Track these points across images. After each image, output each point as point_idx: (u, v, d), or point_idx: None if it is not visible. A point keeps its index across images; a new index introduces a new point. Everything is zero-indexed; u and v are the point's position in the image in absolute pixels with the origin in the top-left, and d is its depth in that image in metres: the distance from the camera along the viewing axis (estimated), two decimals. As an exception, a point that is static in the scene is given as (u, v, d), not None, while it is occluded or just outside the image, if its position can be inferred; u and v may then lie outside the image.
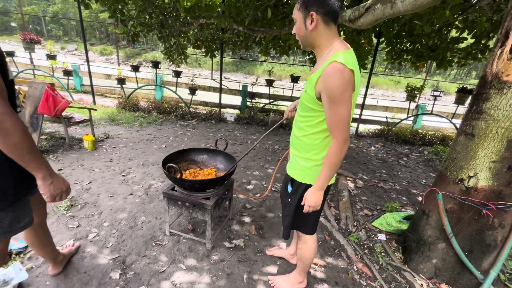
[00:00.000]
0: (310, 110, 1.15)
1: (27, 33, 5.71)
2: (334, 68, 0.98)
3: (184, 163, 2.16)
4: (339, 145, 1.06)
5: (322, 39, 1.08)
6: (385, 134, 5.64)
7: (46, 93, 3.05)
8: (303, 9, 1.05)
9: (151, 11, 4.34)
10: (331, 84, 0.98)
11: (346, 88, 0.99)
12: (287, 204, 1.39)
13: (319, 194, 1.18)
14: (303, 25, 1.08)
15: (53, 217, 2.10)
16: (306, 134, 1.21)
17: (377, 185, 3.24)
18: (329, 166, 1.11)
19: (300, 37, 1.12)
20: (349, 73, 0.99)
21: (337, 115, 1.03)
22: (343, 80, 0.97)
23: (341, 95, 0.99)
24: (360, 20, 2.39)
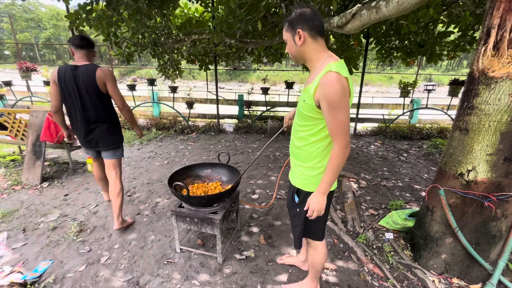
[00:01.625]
0: (309, 119, 1.20)
1: (23, 62, 5.81)
2: (331, 77, 1.05)
3: (189, 179, 2.20)
4: (341, 148, 1.11)
5: (312, 53, 1.17)
6: (383, 132, 5.70)
7: (47, 120, 3.11)
8: (290, 28, 1.15)
9: (144, 31, 4.43)
10: (330, 91, 1.05)
11: (344, 94, 1.06)
12: (296, 214, 1.41)
13: (322, 198, 1.22)
14: (293, 43, 1.16)
15: (63, 243, 2.12)
16: (307, 143, 1.25)
17: (380, 184, 3.27)
18: (332, 170, 1.16)
19: (292, 53, 1.21)
20: (344, 80, 1.06)
21: (338, 120, 1.09)
22: (340, 87, 1.05)
23: (339, 101, 1.06)
24: (348, 26, 2.48)
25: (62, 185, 3.14)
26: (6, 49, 41.23)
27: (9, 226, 2.33)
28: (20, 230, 2.27)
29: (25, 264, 1.90)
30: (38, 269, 1.83)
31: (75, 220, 2.42)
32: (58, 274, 1.81)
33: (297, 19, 1.12)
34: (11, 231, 2.25)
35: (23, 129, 3.38)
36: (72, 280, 1.77)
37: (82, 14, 3.36)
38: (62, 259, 1.95)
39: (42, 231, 2.27)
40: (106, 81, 1.99)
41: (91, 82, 1.95)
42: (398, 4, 1.90)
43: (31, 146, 3.21)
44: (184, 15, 5.09)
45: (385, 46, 4.87)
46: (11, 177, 3.27)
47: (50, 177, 3.30)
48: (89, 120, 2.06)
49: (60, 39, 43.50)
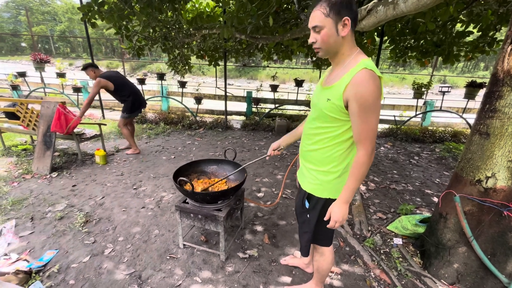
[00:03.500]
0: (333, 120, 1.09)
1: (37, 54, 5.91)
2: (367, 75, 0.95)
3: (194, 174, 2.18)
4: (367, 155, 1.03)
5: (347, 46, 1.05)
6: (394, 133, 5.56)
7: (58, 111, 3.14)
8: (334, 14, 0.99)
9: (155, 25, 4.43)
10: (364, 91, 0.95)
11: (378, 96, 0.97)
12: (306, 220, 1.33)
13: (345, 208, 1.12)
14: (334, 31, 1.00)
15: (69, 233, 2.14)
16: (325, 146, 1.16)
17: (389, 187, 3.18)
18: (357, 177, 1.06)
19: (329, 44, 1.03)
20: (379, 80, 0.98)
21: (368, 124, 0.99)
22: (376, 87, 0.95)
23: (374, 103, 0.96)
24: (363, 23, 2.39)
25: (70, 175, 3.19)
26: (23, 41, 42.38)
27: (18, 214, 2.37)
28: (28, 219, 2.30)
29: (32, 252, 1.93)
30: (43, 258, 1.85)
31: (82, 211, 2.45)
32: (63, 264, 1.82)
33: (344, 4, 0.98)
34: (20, 219, 2.29)
35: (34, 119, 3.43)
36: (76, 270, 1.78)
37: (94, 6, 3.37)
38: (67, 249, 1.97)
39: (49, 221, 2.30)
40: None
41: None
42: (417, 0, 1.80)
43: (42, 136, 3.26)
44: (195, 10, 5.06)
45: (400, 45, 4.73)
46: (22, 166, 3.34)
47: (59, 167, 3.36)
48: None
49: (74, 32, 44.39)
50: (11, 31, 44.50)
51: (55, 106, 3.18)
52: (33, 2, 45.85)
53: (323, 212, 1.23)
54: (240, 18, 3.21)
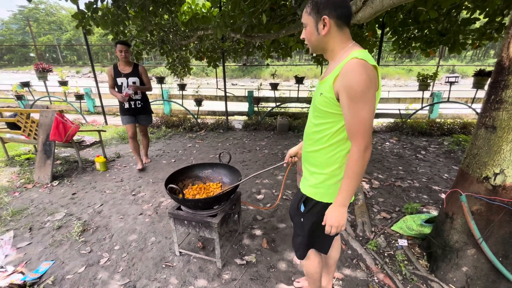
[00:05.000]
0: (328, 115, 1.03)
1: (39, 63, 6.00)
2: (355, 64, 0.89)
3: (189, 180, 2.13)
4: (360, 151, 0.94)
5: (335, 43, 1.01)
6: (399, 127, 5.39)
7: (56, 120, 3.15)
8: (314, 13, 0.99)
9: (151, 29, 4.41)
10: (352, 80, 0.89)
11: (369, 85, 0.90)
12: (299, 224, 1.26)
13: (342, 212, 1.03)
14: (314, 30, 1.01)
15: (66, 243, 2.13)
16: (325, 146, 1.08)
17: (394, 184, 3.06)
18: (351, 177, 0.98)
19: (311, 42, 1.04)
20: (371, 69, 0.91)
21: (358, 117, 0.92)
22: (366, 76, 0.89)
23: (363, 93, 0.89)
24: (359, 15, 2.28)
25: (71, 183, 3.20)
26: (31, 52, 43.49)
27: (17, 224, 2.37)
28: (26, 229, 2.30)
29: (28, 264, 1.92)
30: (39, 270, 1.84)
31: (80, 220, 2.44)
32: (58, 276, 1.80)
33: (325, 3, 0.96)
34: (18, 230, 2.29)
35: (35, 128, 3.46)
36: (70, 282, 1.76)
37: (87, 13, 3.36)
38: (63, 260, 1.95)
39: (48, 230, 2.29)
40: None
41: None
42: (414, -14, 1.69)
43: (42, 145, 3.28)
44: (191, 11, 5.02)
45: (403, 36, 4.56)
46: (24, 175, 3.37)
47: (60, 176, 3.37)
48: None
49: (80, 41, 45.24)
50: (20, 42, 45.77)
51: (53, 115, 3.19)
52: (40, 13, 46.99)
53: (319, 218, 1.16)
54: (232, 16, 3.14)
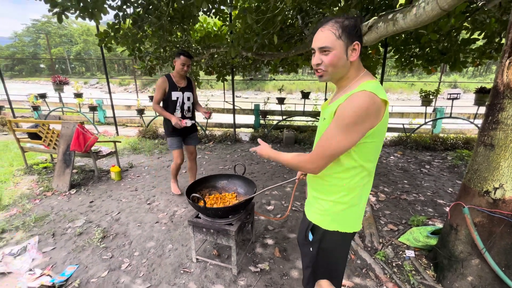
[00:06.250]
0: None
1: (57, 76, 6.30)
2: (361, 95, 0.87)
3: (206, 190, 2.26)
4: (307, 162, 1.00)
5: (353, 70, 0.99)
6: (403, 142, 5.51)
7: (77, 131, 3.33)
8: (345, 37, 0.92)
9: (165, 45, 4.68)
10: (348, 108, 0.88)
11: (360, 121, 0.87)
12: (308, 253, 1.19)
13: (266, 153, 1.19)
14: (344, 55, 0.94)
15: (88, 249, 2.24)
16: (329, 173, 1.04)
17: (400, 197, 3.15)
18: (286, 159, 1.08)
19: (336, 67, 0.96)
20: (378, 103, 0.88)
21: (329, 141, 0.92)
22: (364, 110, 0.86)
23: (351, 122, 0.87)
24: (364, 38, 2.48)
25: (88, 192, 3.33)
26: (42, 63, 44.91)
27: (41, 230, 2.50)
28: (50, 235, 2.43)
29: (54, 267, 2.03)
30: (65, 273, 1.95)
31: (99, 227, 2.55)
32: (83, 279, 1.91)
33: (354, 28, 0.92)
34: (42, 235, 2.41)
35: (55, 139, 3.64)
36: (95, 285, 1.86)
37: (110, 32, 3.62)
38: (86, 264, 2.06)
39: (70, 236, 2.41)
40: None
41: None
42: (416, 17, 1.88)
43: (62, 155, 3.45)
44: (203, 30, 5.31)
45: (405, 54, 4.77)
46: (43, 183, 3.52)
47: (77, 184, 3.52)
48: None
49: (89, 53, 46.73)
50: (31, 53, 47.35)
51: (74, 126, 3.38)
52: (52, 26, 48.80)
53: (328, 246, 1.13)
54: (246, 38, 3.36)
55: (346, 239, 1.13)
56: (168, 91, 2.72)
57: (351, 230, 1.10)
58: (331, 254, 1.15)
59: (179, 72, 2.70)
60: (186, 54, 2.66)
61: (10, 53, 46.08)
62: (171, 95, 2.73)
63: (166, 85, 2.70)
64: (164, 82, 2.69)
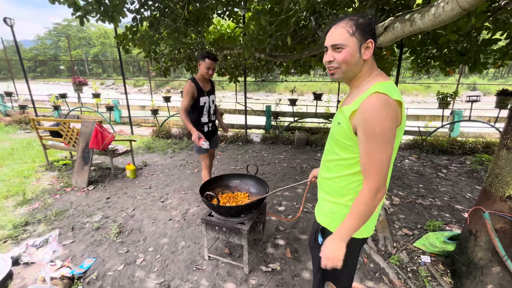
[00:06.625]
0: (343, 147, 0.99)
1: (76, 77, 6.56)
2: (376, 100, 0.85)
3: (219, 188, 2.29)
4: (371, 192, 0.88)
5: (365, 69, 0.97)
6: (419, 145, 5.36)
7: (95, 130, 3.46)
8: (359, 34, 0.91)
9: (180, 47, 4.78)
10: (372, 117, 0.85)
11: (389, 125, 0.85)
12: (318, 257, 1.14)
13: (339, 246, 0.94)
14: (357, 52, 0.92)
15: (105, 243, 2.32)
16: (339, 175, 1.03)
17: (415, 202, 3.07)
18: (356, 215, 0.92)
19: (350, 64, 0.94)
20: (394, 105, 0.85)
21: (374, 156, 0.87)
22: (386, 114, 0.84)
23: (381, 132, 0.84)
24: (380, 39, 2.44)
25: (104, 188, 3.45)
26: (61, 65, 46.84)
27: (61, 224, 2.61)
28: (69, 228, 2.53)
29: (73, 259, 2.12)
30: (83, 265, 2.03)
31: (115, 222, 2.64)
32: (100, 272, 1.98)
33: (368, 26, 0.91)
34: (62, 229, 2.52)
35: (75, 137, 3.80)
36: (112, 278, 1.93)
37: (128, 35, 3.74)
38: (103, 258, 2.14)
39: (88, 231, 2.51)
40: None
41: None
42: (434, 17, 1.84)
43: (81, 152, 3.59)
44: (217, 32, 5.39)
45: (421, 55, 4.65)
46: (63, 179, 3.67)
47: (95, 181, 3.65)
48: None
49: (106, 54, 48.34)
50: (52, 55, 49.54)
51: (93, 125, 3.51)
52: (72, 30, 50.88)
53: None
54: (259, 40, 3.39)
55: (356, 245, 1.10)
56: (196, 97, 2.57)
57: (360, 236, 1.07)
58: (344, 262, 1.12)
59: (204, 76, 2.57)
60: (211, 57, 2.51)
61: (33, 55, 48.41)
62: (199, 101, 2.59)
63: (195, 91, 2.54)
64: (192, 87, 2.52)
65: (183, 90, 2.54)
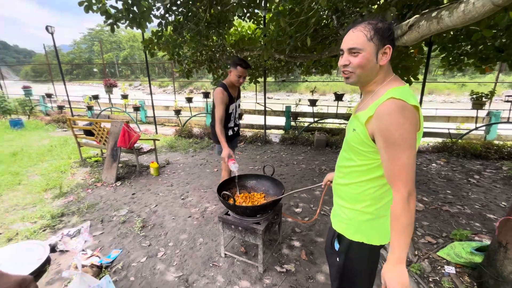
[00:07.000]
0: (360, 153, 0.98)
1: (107, 80, 7.02)
2: (392, 105, 0.84)
3: (235, 188, 2.34)
4: (404, 200, 0.85)
5: (381, 75, 0.95)
6: (448, 148, 5.04)
7: (123, 129, 3.69)
8: (377, 39, 0.90)
9: (202, 49, 4.93)
10: (390, 124, 0.83)
11: (409, 129, 0.83)
12: (335, 264, 1.16)
13: (401, 270, 0.88)
14: (373, 57, 0.91)
15: (130, 236, 2.48)
16: (355, 181, 1.02)
17: (441, 209, 2.91)
18: (401, 231, 0.86)
19: (364, 70, 0.93)
20: (411, 110, 0.84)
21: (398, 162, 0.85)
22: (404, 119, 0.83)
23: (402, 137, 0.83)
24: (404, 38, 2.35)
25: (130, 184, 3.67)
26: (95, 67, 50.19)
27: (92, 216, 2.83)
28: (99, 221, 2.74)
29: (101, 250, 2.29)
30: (110, 255, 2.19)
31: (139, 217, 2.81)
32: (125, 262, 2.13)
33: (387, 31, 0.89)
34: (93, 221, 2.73)
35: (105, 136, 4.08)
36: (135, 269, 2.06)
37: (154, 39, 3.94)
38: (128, 249, 2.29)
39: (115, 224, 2.69)
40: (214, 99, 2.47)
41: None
42: (464, 13, 1.74)
43: (110, 150, 3.84)
44: (238, 33, 5.48)
45: (453, 53, 4.36)
46: (94, 175, 3.96)
47: (122, 177, 3.89)
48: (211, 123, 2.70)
49: (134, 58, 50.96)
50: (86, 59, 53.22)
51: (121, 125, 3.75)
52: (104, 34, 54.29)
53: (353, 258, 1.10)
54: (279, 41, 3.40)
55: (374, 252, 1.08)
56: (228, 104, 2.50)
57: (377, 243, 1.05)
58: (358, 266, 1.11)
59: (235, 84, 2.48)
60: (244, 65, 2.37)
61: (70, 59, 52.35)
62: (228, 108, 2.52)
63: (227, 100, 2.46)
64: (224, 95, 2.42)
65: (216, 98, 2.41)
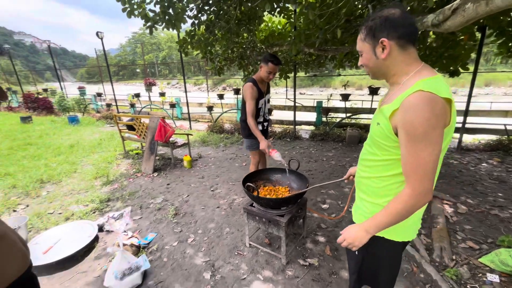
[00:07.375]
0: (383, 148, 0.95)
1: (147, 79, 7.59)
2: (420, 98, 0.78)
3: (261, 181, 2.40)
4: (413, 195, 0.83)
5: (398, 66, 0.91)
6: (504, 147, 4.46)
7: (159, 124, 3.99)
8: (369, 39, 0.91)
9: (232, 47, 5.05)
10: (415, 118, 0.78)
11: (434, 125, 0.78)
12: (354, 257, 1.15)
13: (361, 235, 0.94)
14: (372, 55, 0.93)
15: (164, 222, 2.70)
16: (377, 175, 1.00)
17: (489, 212, 2.61)
18: (390, 212, 0.88)
19: (370, 68, 0.97)
20: (442, 103, 0.78)
21: (418, 158, 0.81)
22: (430, 113, 0.77)
23: (425, 132, 0.78)
24: (447, 23, 2.15)
25: (166, 176, 3.96)
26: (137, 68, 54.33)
27: (132, 202, 3.13)
28: (138, 207, 3.02)
29: (140, 232, 2.54)
30: (147, 238, 2.42)
31: (173, 205, 3.03)
32: (159, 245, 2.33)
33: (381, 25, 0.88)
34: (133, 207, 3.03)
35: (144, 130, 4.44)
36: (168, 251, 2.25)
37: (187, 39, 4.15)
38: (162, 234, 2.50)
39: (151, 210, 2.95)
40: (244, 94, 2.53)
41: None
42: (518, -9, 1.55)
43: (149, 143, 4.18)
44: (268, 29, 5.49)
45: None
46: (135, 166, 4.35)
47: (158, 169, 4.22)
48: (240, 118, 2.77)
49: (172, 58, 53.91)
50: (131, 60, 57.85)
51: (158, 121, 4.05)
52: (145, 37, 58.31)
53: (375, 252, 1.08)
54: (307, 34, 3.34)
55: (395, 248, 1.06)
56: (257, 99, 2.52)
57: (399, 239, 1.03)
58: (378, 262, 1.09)
59: (264, 79, 2.49)
60: (275, 61, 2.38)
61: (116, 61, 57.42)
62: (258, 103, 2.55)
63: (256, 94, 2.48)
64: (253, 90, 2.45)
65: (245, 93, 2.48)
